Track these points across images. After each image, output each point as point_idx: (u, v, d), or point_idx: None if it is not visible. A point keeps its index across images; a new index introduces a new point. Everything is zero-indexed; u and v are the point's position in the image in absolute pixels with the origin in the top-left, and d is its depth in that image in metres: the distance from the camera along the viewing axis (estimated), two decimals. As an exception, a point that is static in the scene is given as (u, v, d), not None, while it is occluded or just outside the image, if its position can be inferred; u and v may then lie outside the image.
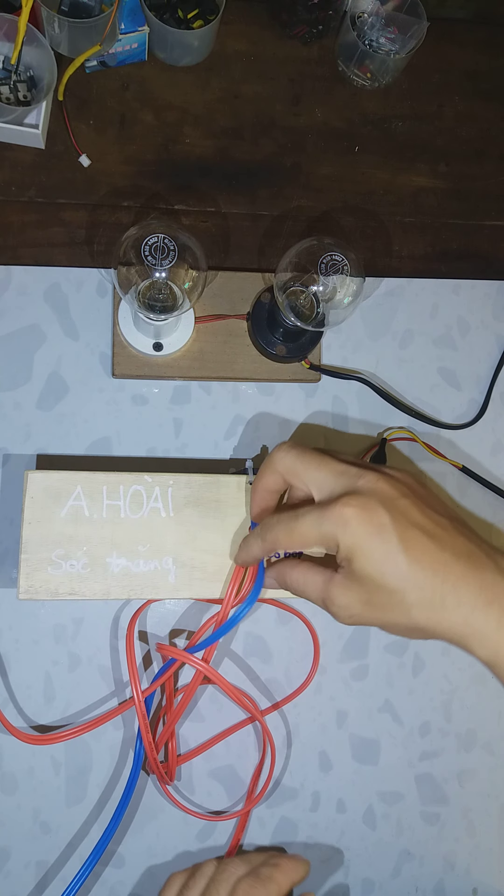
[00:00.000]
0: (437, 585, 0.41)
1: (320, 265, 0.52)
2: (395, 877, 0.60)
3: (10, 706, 0.56)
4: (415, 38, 0.64)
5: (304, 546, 0.45)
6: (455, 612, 0.41)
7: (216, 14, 0.61)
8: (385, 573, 0.41)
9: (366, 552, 0.42)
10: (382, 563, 0.41)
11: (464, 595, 0.41)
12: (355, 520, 0.42)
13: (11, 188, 0.61)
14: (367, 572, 0.42)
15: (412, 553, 0.41)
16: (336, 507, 0.42)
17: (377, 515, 0.42)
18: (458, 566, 0.42)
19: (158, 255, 0.50)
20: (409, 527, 0.42)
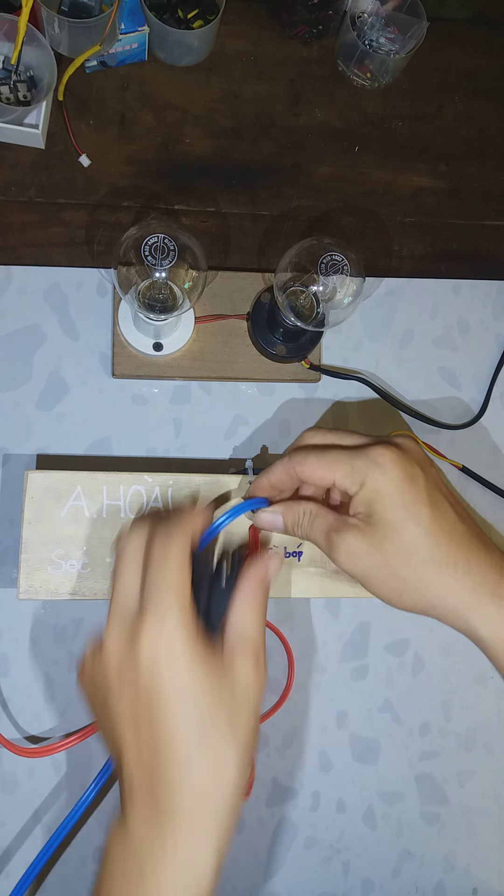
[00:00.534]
0: (453, 549, 0.42)
1: (320, 265, 0.52)
2: (395, 877, 0.60)
3: (10, 706, 0.56)
4: (415, 38, 0.64)
5: (325, 477, 0.44)
6: (464, 579, 0.42)
7: (216, 14, 0.61)
8: (407, 521, 0.42)
9: (394, 497, 0.42)
10: (406, 511, 0.42)
11: (475, 566, 0.42)
12: (391, 464, 0.43)
13: (11, 188, 0.61)
14: (389, 517, 0.42)
15: (436, 511, 0.42)
16: (375, 448, 0.43)
17: (411, 467, 0.43)
18: (473, 540, 0.43)
19: (158, 255, 0.50)
20: (434, 489, 0.44)
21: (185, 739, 0.38)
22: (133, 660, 0.39)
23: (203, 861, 0.37)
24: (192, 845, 0.37)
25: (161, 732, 0.38)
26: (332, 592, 0.55)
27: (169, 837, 0.37)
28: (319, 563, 0.55)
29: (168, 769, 0.38)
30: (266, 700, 0.59)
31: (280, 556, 0.47)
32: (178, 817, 0.37)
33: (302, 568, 0.55)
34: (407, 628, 0.61)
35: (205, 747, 0.38)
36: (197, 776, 0.37)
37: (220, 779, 0.38)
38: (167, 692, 0.38)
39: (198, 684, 0.38)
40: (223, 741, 0.38)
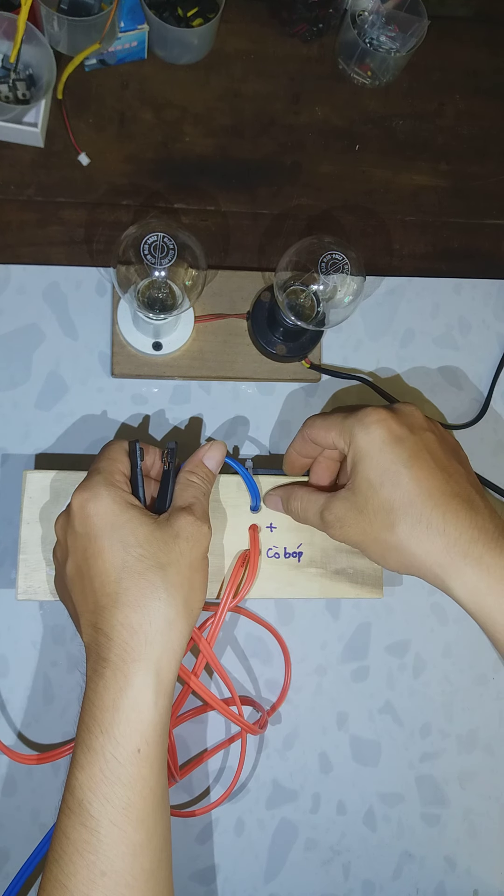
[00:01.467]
0: (428, 508, 0.43)
1: (320, 264, 0.52)
2: (395, 878, 0.59)
3: (10, 707, 0.55)
4: (415, 37, 0.64)
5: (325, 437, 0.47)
6: (437, 539, 0.42)
7: (216, 12, 0.61)
8: (384, 482, 0.44)
9: (373, 457, 0.44)
10: (384, 472, 0.44)
11: (452, 526, 0.42)
12: (375, 424, 0.45)
13: (10, 187, 0.61)
14: (368, 477, 0.44)
15: (416, 471, 0.43)
16: (365, 409, 0.46)
17: (399, 429, 0.45)
18: (454, 501, 0.43)
19: (158, 254, 0.50)
20: (422, 450, 0.44)
21: (115, 572, 0.42)
22: (68, 518, 0.45)
23: (140, 689, 0.40)
24: (126, 675, 0.40)
25: (94, 571, 0.42)
26: (333, 593, 0.55)
27: (105, 668, 0.41)
28: (319, 563, 0.55)
29: (103, 604, 0.42)
30: (264, 701, 0.58)
31: (220, 444, 0.51)
32: (112, 648, 0.41)
33: (302, 568, 0.55)
34: (408, 629, 0.61)
35: (133, 580, 0.42)
36: (126, 606, 0.41)
37: (149, 611, 0.41)
38: (96, 529, 0.43)
39: (126, 524, 0.43)
40: (154, 576, 0.42)
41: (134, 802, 0.39)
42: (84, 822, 0.39)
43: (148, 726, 0.40)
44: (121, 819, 0.39)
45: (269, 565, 0.54)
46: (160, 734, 0.41)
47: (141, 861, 0.39)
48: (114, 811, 0.39)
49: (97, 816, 0.39)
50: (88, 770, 0.40)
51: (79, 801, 0.39)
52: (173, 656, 0.42)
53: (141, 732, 0.40)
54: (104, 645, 0.41)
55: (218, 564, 0.53)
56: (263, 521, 0.55)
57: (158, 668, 0.41)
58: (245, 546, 0.54)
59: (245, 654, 0.59)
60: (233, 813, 0.58)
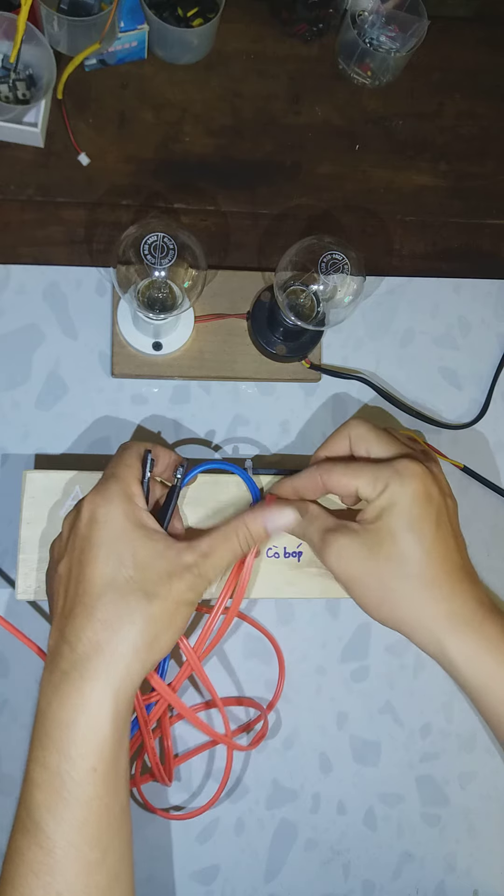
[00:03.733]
0: (442, 574, 0.45)
1: (320, 264, 0.52)
2: (395, 878, 0.59)
3: (10, 707, 0.55)
4: (415, 37, 0.64)
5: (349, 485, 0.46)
6: (443, 603, 0.44)
7: (216, 12, 0.61)
8: (409, 533, 0.44)
9: (405, 507, 0.44)
10: (409, 526, 0.44)
11: (458, 594, 0.45)
12: (412, 477, 0.45)
13: (10, 187, 0.61)
14: (392, 526, 0.44)
15: (439, 534, 0.45)
16: (402, 460, 0.46)
17: (431, 486, 0.45)
18: (461, 572, 0.45)
19: (158, 254, 0.50)
20: (444, 514, 0.46)
21: (100, 585, 0.42)
22: (77, 517, 0.44)
23: (97, 709, 0.40)
24: (83, 692, 0.40)
25: (82, 577, 0.42)
26: (333, 593, 0.55)
27: (63, 681, 0.40)
28: (319, 563, 0.55)
29: (76, 612, 0.42)
30: (263, 702, 0.58)
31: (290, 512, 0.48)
32: (74, 661, 0.40)
33: (302, 568, 0.54)
34: (407, 629, 0.61)
35: (114, 599, 0.41)
36: (99, 622, 0.41)
37: (119, 634, 0.41)
38: (98, 537, 0.43)
39: (130, 542, 0.43)
40: (136, 602, 0.41)
41: (90, 821, 0.39)
42: (40, 842, 0.39)
43: (104, 745, 0.40)
44: (76, 838, 0.39)
45: (269, 565, 0.54)
46: (116, 753, 0.41)
47: (96, 878, 0.39)
48: (70, 830, 0.39)
49: (53, 837, 0.38)
50: (44, 788, 0.39)
51: (35, 821, 0.39)
52: (131, 684, 0.41)
53: (96, 751, 0.40)
54: (66, 656, 0.41)
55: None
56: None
57: (117, 691, 0.40)
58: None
59: (245, 655, 0.59)
60: (233, 813, 0.58)
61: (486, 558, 0.63)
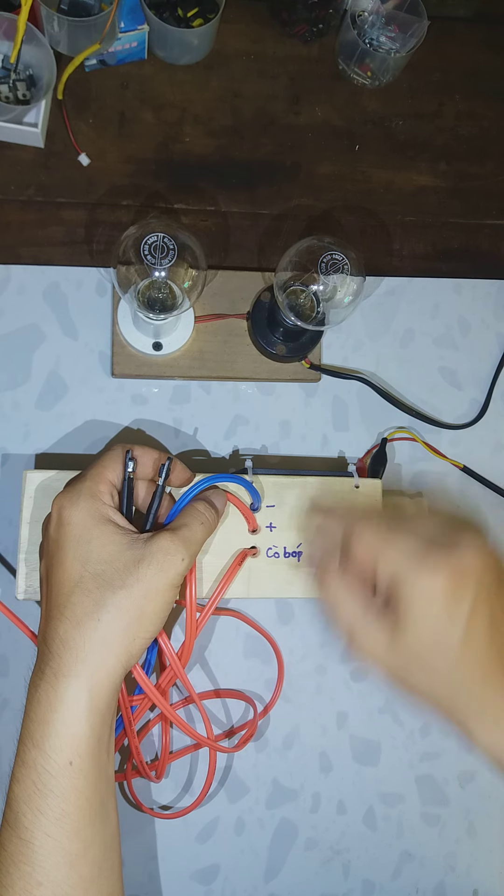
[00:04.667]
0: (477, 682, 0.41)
1: (320, 264, 0.52)
2: (395, 878, 0.59)
3: (10, 708, 0.55)
4: (415, 37, 0.64)
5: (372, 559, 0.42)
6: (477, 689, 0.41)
7: (216, 13, 0.61)
8: (433, 636, 0.41)
9: (429, 608, 0.40)
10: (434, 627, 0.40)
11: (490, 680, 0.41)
12: (442, 576, 0.40)
13: (10, 187, 0.61)
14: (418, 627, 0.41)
15: (470, 635, 0.40)
16: (430, 552, 0.41)
17: (462, 580, 0.40)
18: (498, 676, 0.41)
19: (158, 255, 0.50)
20: (482, 607, 0.40)
21: (69, 585, 0.42)
22: (47, 522, 0.46)
23: (70, 705, 0.40)
24: (57, 690, 0.41)
25: (53, 580, 0.43)
26: (333, 593, 0.55)
27: (41, 681, 0.41)
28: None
29: (52, 615, 0.42)
30: (259, 702, 0.58)
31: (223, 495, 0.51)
32: (49, 661, 0.41)
33: (302, 568, 0.55)
34: (407, 629, 0.61)
35: (81, 597, 0.42)
36: (68, 621, 0.42)
37: (87, 629, 0.41)
38: (64, 538, 0.43)
39: (95, 539, 0.43)
40: (102, 596, 0.42)
41: (68, 813, 0.40)
42: (19, 834, 0.40)
43: (80, 740, 0.40)
44: (55, 830, 0.39)
45: (269, 565, 0.54)
46: (94, 748, 0.41)
47: (79, 870, 0.40)
48: (47, 822, 0.39)
49: (31, 828, 0.39)
50: (23, 783, 0.40)
51: (14, 814, 0.40)
52: (107, 678, 0.42)
53: (72, 746, 0.40)
54: (45, 657, 0.42)
55: (218, 565, 0.53)
56: (263, 520, 0.55)
57: (91, 686, 0.41)
58: (243, 545, 0.54)
59: (246, 654, 0.59)
60: (233, 812, 0.58)
61: (486, 558, 0.63)
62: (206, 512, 0.48)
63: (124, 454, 0.48)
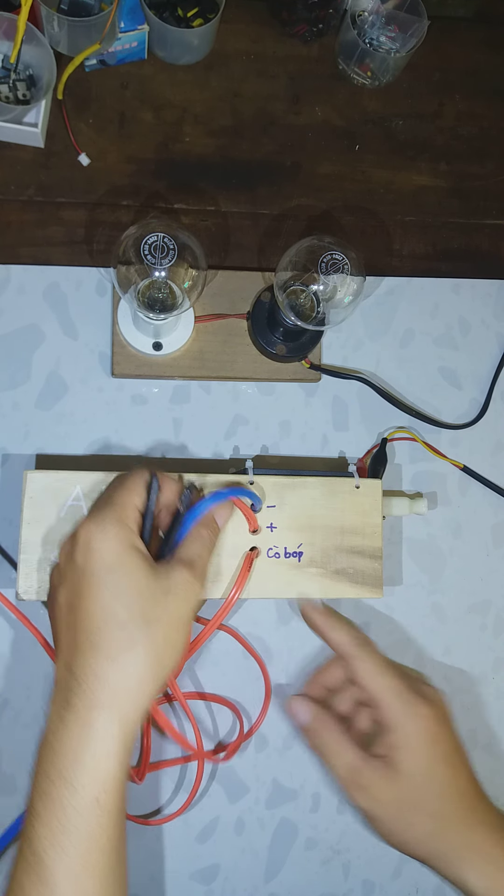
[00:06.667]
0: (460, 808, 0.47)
1: (320, 264, 0.52)
2: (395, 878, 0.59)
3: (10, 707, 0.55)
4: (415, 37, 0.64)
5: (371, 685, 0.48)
6: (464, 835, 0.47)
7: (216, 12, 0.61)
8: (427, 777, 0.47)
9: (419, 751, 0.47)
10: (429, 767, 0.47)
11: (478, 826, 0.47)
12: (426, 719, 0.47)
13: (10, 187, 0.61)
14: (411, 767, 0.47)
15: (452, 771, 0.48)
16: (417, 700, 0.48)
17: (442, 725, 0.48)
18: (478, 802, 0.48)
19: (158, 254, 0.50)
20: (455, 750, 0.49)
21: (100, 617, 0.42)
22: (72, 546, 0.44)
23: (102, 739, 0.40)
24: (89, 723, 0.40)
25: (82, 610, 0.42)
26: (332, 593, 0.55)
27: (69, 713, 0.40)
28: (319, 563, 0.55)
29: (81, 646, 0.42)
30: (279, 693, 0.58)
31: (228, 504, 0.51)
32: (80, 694, 0.40)
33: (302, 568, 0.55)
34: (408, 629, 0.61)
35: (114, 631, 0.41)
36: (102, 655, 0.41)
37: (123, 665, 0.41)
38: (94, 567, 0.43)
39: (123, 569, 0.43)
40: (136, 630, 0.42)
41: (91, 852, 0.39)
42: (40, 874, 0.38)
43: (108, 776, 0.40)
44: (78, 869, 0.38)
45: (269, 565, 0.54)
46: (119, 784, 0.40)
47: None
48: (70, 862, 0.38)
49: (53, 868, 0.38)
50: (46, 819, 0.39)
51: (35, 853, 0.39)
52: (136, 713, 0.41)
53: (100, 781, 0.39)
54: (73, 689, 0.41)
55: (218, 564, 0.53)
56: (264, 521, 0.55)
57: (123, 721, 0.41)
58: (243, 546, 0.54)
59: (245, 655, 0.59)
60: (233, 812, 0.58)
61: (486, 558, 0.63)
62: (211, 536, 0.49)
63: (149, 479, 0.47)
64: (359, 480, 0.56)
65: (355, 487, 0.56)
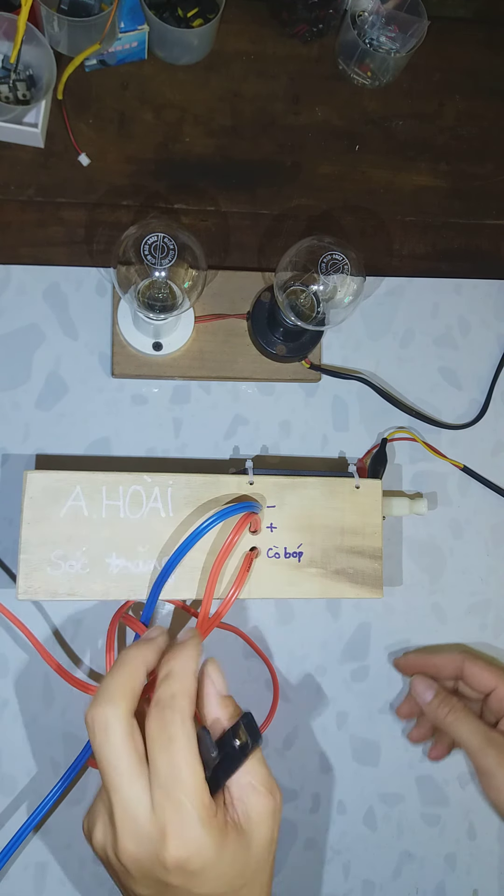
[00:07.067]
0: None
1: (320, 264, 0.52)
2: (395, 878, 0.59)
3: (10, 707, 0.55)
4: (415, 37, 0.64)
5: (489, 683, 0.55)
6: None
7: (216, 13, 0.61)
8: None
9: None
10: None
11: None
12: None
13: (10, 187, 0.61)
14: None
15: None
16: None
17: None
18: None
19: (158, 255, 0.50)
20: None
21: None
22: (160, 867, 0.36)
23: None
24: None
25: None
26: (333, 593, 0.55)
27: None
28: (319, 563, 0.55)
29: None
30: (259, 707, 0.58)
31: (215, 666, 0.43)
32: None
33: (302, 568, 0.55)
34: (408, 629, 0.61)
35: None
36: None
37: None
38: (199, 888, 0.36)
39: (224, 867, 0.37)
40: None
41: None
42: None
43: None
44: None
45: (269, 565, 0.54)
46: None
47: None
48: None
49: None
50: None
51: None
52: None
53: None
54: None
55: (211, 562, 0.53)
56: (264, 521, 0.55)
57: None
58: (244, 546, 0.54)
59: (245, 655, 0.59)
60: (233, 813, 0.58)
61: (486, 558, 0.63)
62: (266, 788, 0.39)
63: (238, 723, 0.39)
64: (359, 480, 0.56)
65: (355, 487, 0.56)
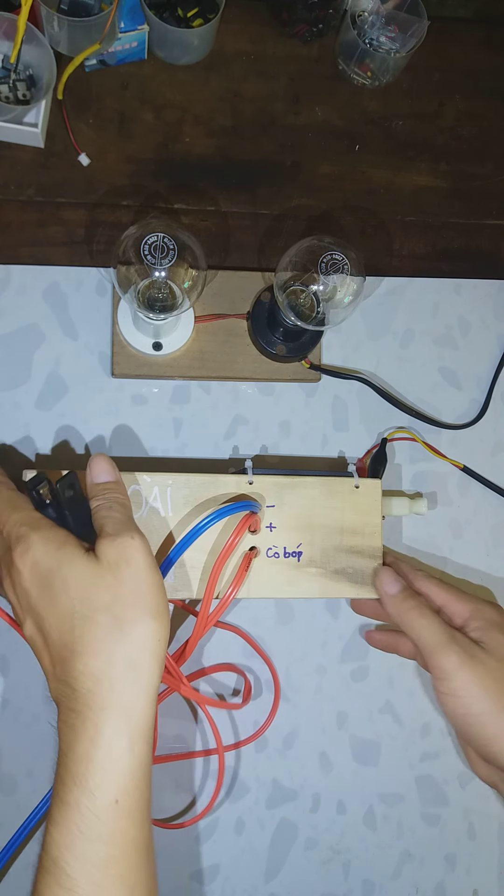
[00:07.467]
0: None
1: (320, 264, 0.52)
2: (395, 878, 0.59)
3: (10, 707, 0.55)
4: (415, 37, 0.64)
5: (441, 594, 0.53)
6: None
7: (216, 13, 0.61)
8: None
9: None
10: None
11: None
12: None
13: (10, 187, 0.61)
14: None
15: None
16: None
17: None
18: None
19: (158, 255, 0.50)
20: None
21: (67, 621, 0.40)
22: (11, 579, 0.43)
23: (112, 737, 0.38)
24: (96, 724, 0.39)
25: (48, 624, 0.41)
26: (332, 593, 0.55)
27: (74, 719, 0.39)
28: (319, 563, 0.55)
29: (62, 656, 0.40)
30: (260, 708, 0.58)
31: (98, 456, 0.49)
32: (78, 698, 0.39)
33: (302, 568, 0.55)
34: (407, 629, 0.61)
35: (85, 626, 0.40)
36: (84, 654, 0.40)
37: (107, 655, 0.40)
38: (39, 581, 0.41)
39: (62, 567, 0.41)
40: (102, 617, 0.40)
41: (115, 857, 0.37)
42: (61, 882, 0.36)
43: (125, 775, 0.38)
44: (100, 877, 0.37)
45: (269, 565, 0.54)
46: (139, 781, 0.39)
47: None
48: (93, 869, 0.37)
49: (75, 876, 0.36)
50: (63, 826, 0.37)
51: (54, 860, 0.37)
52: (144, 696, 0.40)
53: (118, 782, 0.38)
54: (70, 696, 0.39)
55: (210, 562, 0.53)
56: (263, 520, 0.54)
57: (129, 713, 0.39)
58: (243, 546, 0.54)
59: (246, 655, 0.59)
60: (233, 813, 0.58)
61: (486, 558, 0.63)
62: (105, 499, 0.46)
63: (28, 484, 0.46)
64: (358, 480, 0.56)
65: (355, 487, 0.56)
